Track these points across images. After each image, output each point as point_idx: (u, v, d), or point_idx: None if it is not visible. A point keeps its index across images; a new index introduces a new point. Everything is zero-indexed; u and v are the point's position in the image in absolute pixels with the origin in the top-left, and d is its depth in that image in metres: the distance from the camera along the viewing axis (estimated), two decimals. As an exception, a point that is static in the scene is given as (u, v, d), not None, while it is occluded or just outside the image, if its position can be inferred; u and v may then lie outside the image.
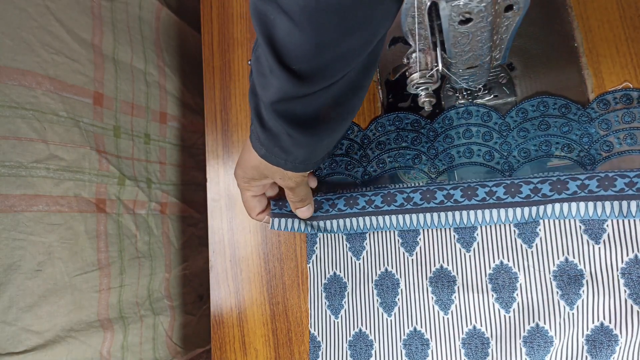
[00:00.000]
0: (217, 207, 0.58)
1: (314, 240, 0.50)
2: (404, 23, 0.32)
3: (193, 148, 0.76)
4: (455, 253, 0.44)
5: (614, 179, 0.38)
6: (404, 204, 0.45)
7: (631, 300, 0.38)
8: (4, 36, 0.46)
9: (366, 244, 0.47)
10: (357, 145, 0.50)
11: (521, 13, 0.29)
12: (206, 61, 0.62)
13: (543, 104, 0.43)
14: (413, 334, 0.45)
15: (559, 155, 0.42)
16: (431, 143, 0.47)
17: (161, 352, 0.62)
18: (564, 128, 0.42)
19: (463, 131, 0.46)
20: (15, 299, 0.45)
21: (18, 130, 0.47)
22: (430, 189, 0.44)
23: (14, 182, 0.46)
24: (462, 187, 0.43)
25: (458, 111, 0.47)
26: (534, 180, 0.41)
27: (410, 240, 0.46)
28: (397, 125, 0.49)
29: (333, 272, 0.49)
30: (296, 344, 0.50)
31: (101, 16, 0.59)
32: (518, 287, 0.41)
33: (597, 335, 0.38)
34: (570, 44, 0.44)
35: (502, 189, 0.42)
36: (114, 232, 0.57)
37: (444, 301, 0.44)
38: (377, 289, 0.47)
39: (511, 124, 0.44)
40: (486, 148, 0.45)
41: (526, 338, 0.41)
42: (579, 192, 0.39)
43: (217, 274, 0.56)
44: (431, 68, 0.33)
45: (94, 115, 0.56)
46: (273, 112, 0.31)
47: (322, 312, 0.49)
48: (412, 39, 0.32)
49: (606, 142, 0.41)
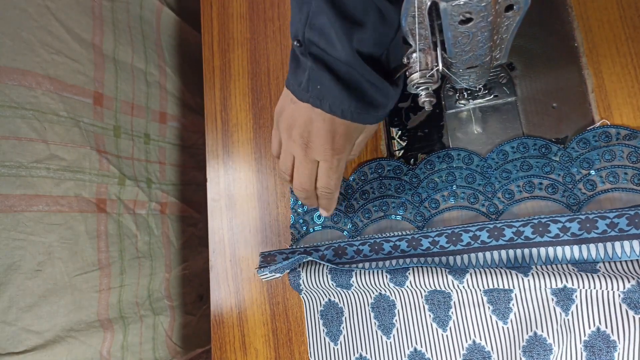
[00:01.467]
0: (217, 207, 0.58)
1: (297, 283, 0.48)
2: (404, 23, 0.32)
3: (193, 148, 0.76)
4: (447, 283, 0.42)
5: (594, 220, 0.38)
6: (391, 252, 0.45)
7: (625, 304, 0.38)
8: (4, 36, 0.46)
9: (353, 281, 0.45)
10: (341, 197, 0.50)
11: (521, 13, 0.29)
12: (206, 61, 0.62)
13: (523, 144, 0.44)
14: (414, 354, 0.44)
15: (544, 197, 0.42)
16: (415, 190, 0.47)
17: (161, 352, 0.62)
18: (546, 168, 0.42)
19: (445, 175, 0.46)
20: (15, 299, 0.46)
21: (18, 130, 0.47)
22: (415, 237, 0.45)
23: (14, 182, 0.46)
24: (446, 234, 0.44)
25: (439, 155, 0.47)
26: (516, 223, 0.41)
27: (400, 276, 0.44)
28: (380, 173, 0.49)
29: (328, 298, 0.48)
30: (296, 344, 0.50)
31: (102, 16, 0.59)
32: (513, 297, 0.41)
33: (595, 341, 0.38)
34: (570, 44, 0.44)
35: (485, 232, 0.42)
36: (114, 232, 0.57)
37: (441, 318, 0.44)
38: (374, 312, 0.46)
39: (493, 165, 0.44)
40: (470, 190, 0.45)
41: (525, 348, 0.40)
42: (561, 235, 0.39)
43: (217, 274, 0.56)
44: (431, 68, 0.33)
45: (94, 115, 0.56)
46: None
47: (320, 340, 0.48)
48: (412, 38, 0.32)
49: (589, 181, 0.41)
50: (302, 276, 0.48)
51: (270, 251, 0.51)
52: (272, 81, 0.57)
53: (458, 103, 0.47)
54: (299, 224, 0.51)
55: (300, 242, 0.51)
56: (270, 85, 0.57)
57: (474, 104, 0.47)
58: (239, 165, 0.57)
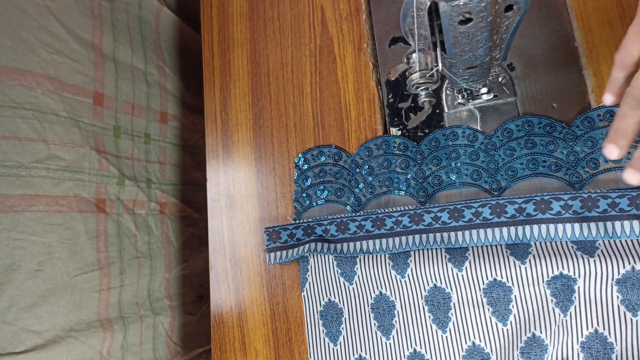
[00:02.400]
0: (217, 207, 0.58)
1: (306, 268, 0.50)
2: (404, 23, 0.32)
3: (193, 148, 0.76)
4: (447, 272, 0.43)
5: (596, 199, 0.39)
6: (393, 227, 0.46)
7: (623, 306, 0.38)
8: (4, 36, 0.46)
9: (357, 268, 0.47)
10: (346, 171, 0.50)
11: (521, 13, 0.29)
12: (206, 61, 0.62)
13: (528, 123, 0.44)
14: (413, 355, 0.44)
15: (547, 174, 0.42)
16: (419, 166, 0.47)
17: (161, 352, 0.62)
18: (550, 146, 0.42)
19: (450, 152, 0.46)
20: (15, 299, 0.46)
21: (18, 130, 0.47)
22: (417, 212, 0.45)
23: (14, 182, 0.46)
24: (448, 209, 0.44)
25: (444, 132, 0.47)
26: (518, 200, 0.41)
27: (401, 262, 0.45)
28: (384, 149, 0.49)
29: (328, 298, 0.48)
30: (296, 344, 0.50)
31: (101, 16, 0.59)
32: (513, 299, 0.41)
33: (592, 343, 0.38)
34: (570, 44, 0.44)
35: (487, 209, 0.42)
36: (113, 232, 0.57)
37: (441, 319, 0.44)
38: (374, 313, 0.46)
39: (497, 143, 0.44)
40: (473, 167, 0.45)
41: (523, 349, 0.41)
42: (563, 212, 0.40)
43: (217, 274, 0.56)
44: (431, 68, 0.33)
45: (94, 115, 0.56)
46: None
47: (320, 340, 0.48)
48: (412, 38, 0.32)
49: (592, 160, 0.41)
50: (310, 262, 0.49)
51: (275, 227, 0.51)
52: (272, 81, 0.57)
53: (458, 103, 0.47)
54: (302, 198, 0.52)
55: (303, 215, 0.51)
56: (270, 85, 0.57)
57: (473, 104, 0.47)
58: (239, 165, 0.57)
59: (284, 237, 0.50)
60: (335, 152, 0.51)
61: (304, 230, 0.49)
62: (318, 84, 0.54)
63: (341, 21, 0.54)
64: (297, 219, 0.51)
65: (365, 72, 0.52)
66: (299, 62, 0.56)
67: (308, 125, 0.54)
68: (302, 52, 0.56)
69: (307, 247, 0.47)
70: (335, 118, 0.52)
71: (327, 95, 0.53)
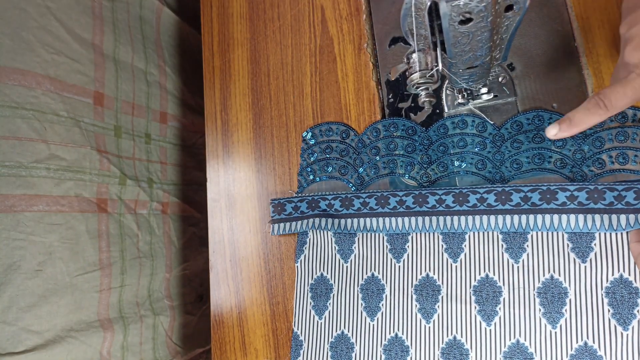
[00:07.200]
0: (217, 207, 0.58)
1: (304, 241, 0.51)
2: (404, 23, 0.32)
3: (194, 148, 0.76)
4: (442, 262, 0.44)
5: (603, 191, 0.38)
6: (396, 206, 0.46)
7: (614, 320, 0.38)
8: (4, 36, 0.46)
9: (355, 247, 0.48)
10: (352, 149, 0.51)
11: (521, 13, 0.29)
12: (206, 61, 0.62)
13: (539, 117, 0.44)
14: (394, 339, 0.45)
15: (551, 169, 0.42)
16: (425, 151, 0.47)
17: (161, 352, 0.62)
18: (557, 142, 0.42)
19: (457, 140, 0.46)
20: (15, 299, 0.46)
21: (18, 130, 0.47)
22: (422, 193, 0.45)
23: (14, 182, 0.46)
24: (453, 193, 0.44)
25: (454, 120, 0.47)
26: (524, 188, 0.41)
27: (399, 246, 0.46)
28: (392, 131, 0.49)
29: (320, 273, 0.49)
30: (296, 344, 0.50)
31: (102, 16, 0.59)
32: (501, 302, 0.42)
33: (581, 356, 0.38)
34: (570, 44, 0.44)
35: (493, 195, 0.42)
36: (115, 232, 0.57)
37: (427, 310, 0.44)
38: (362, 293, 0.47)
39: (505, 135, 0.44)
40: (479, 157, 0.45)
41: (507, 354, 0.41)
42: (568, 203, 0.39)
43: (217, 274, 0.56)
44: (431, 68, 0.33)
45: (95, 115, 0.56)
46: None
47: (306, 311, 0.49)
48: (412, 39, 0.32)
49: (598, 160, 0.41)
50: (309, 235, 0.50)
51: (280, 199, 0.52)
52: (272, 81, 0.57)
53: (458, 103, 0.47)
54: (306, 172, 0.52)
55: (306, 189, 0.52)
56: (270, 85, 0.57)
57: (473, 104, 0.47)
58: (239, 165, 0.57)
59: (288, 209, 0.51)
60: (343, 130, 0.51)
61: (308, 204, 0.50)
62: (318, 84, 0.54)
63: (341, 21, 0.54)
64: (300, 192, 0.52)
65: (366, 72, 0.52)
66: (299, 62, 0.56)
67: (308, 125, 0.54)
68: (302, 52, 0.56)
69: (311, 222, 0.48)
70: (335, 118, 0.52)
71: (327, 95, 0.53)
